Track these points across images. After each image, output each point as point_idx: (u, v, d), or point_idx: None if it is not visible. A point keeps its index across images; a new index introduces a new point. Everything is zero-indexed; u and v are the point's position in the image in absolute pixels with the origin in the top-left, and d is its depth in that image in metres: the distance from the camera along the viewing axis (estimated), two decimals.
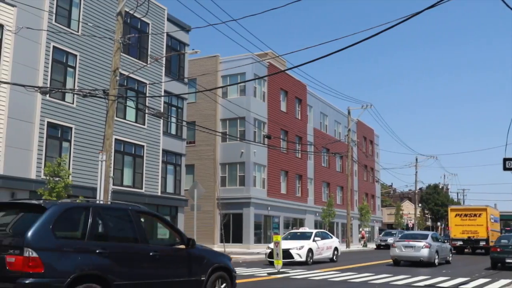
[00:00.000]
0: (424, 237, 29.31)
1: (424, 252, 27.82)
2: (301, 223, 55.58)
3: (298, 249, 28.25)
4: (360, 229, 64.23)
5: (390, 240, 54.53)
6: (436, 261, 28.47)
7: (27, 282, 7.72)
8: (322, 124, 63.94)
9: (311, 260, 28.58)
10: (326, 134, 63.72)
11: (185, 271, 10.45)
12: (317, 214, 56.92)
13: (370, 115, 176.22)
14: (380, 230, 76.82)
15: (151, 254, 9.69)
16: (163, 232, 14.31)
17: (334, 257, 31.38)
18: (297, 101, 57.52)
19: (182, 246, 10.63)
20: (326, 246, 30.68)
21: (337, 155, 62.58)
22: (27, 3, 26.66)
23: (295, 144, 55.76)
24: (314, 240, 29.56)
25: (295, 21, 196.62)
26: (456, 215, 42.82)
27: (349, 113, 54.95)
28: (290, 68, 20.09)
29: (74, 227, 9.00)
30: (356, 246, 58.14)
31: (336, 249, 31.72)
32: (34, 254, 7.85)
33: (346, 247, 50.18)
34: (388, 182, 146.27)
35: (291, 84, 55.81)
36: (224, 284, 11.31)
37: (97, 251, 8.70)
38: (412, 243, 28.48)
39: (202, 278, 10.68)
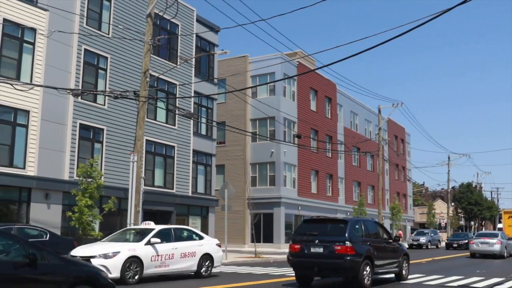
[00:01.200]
0: (495, 235, 36.42)
1: (497, 247, 34.66)
2: None
3: (107, 257, 16.62)
4: (398, 229, 63.75)
5: (422, 239, 53.96)
6: (505, 254, 35.44)
7: (348, 258, 15.31)
8: (352, 123, 63.56)
9: (136, 278, 17.02)
10: (356, 133, 63.31)
11: (393, 255, 18.08)
12: (348, 214, 56.55)
13: (401, 113, 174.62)
14: (412, 230, 76.04)
15: (385, 245, 17.71)
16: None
17: (203, 270, 19.50)
18: (327, 100, 57.29)
19: (391, 241, 18.39)
20: (180, 253, 18.80)
21: (368, 154, 62.07)
22: (59, 7, 27.04)
23: (326, 143, 55.52)
24: (150, 243, 17.93)
25: (325, 20, 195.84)
26: (509, 217, 50.94)
27: (379, 111, 54.43)
28: (319, 67, 20.04)
29: (358, 231, 16.55)
30: None
31: (207, 257, 19.77)
32: (350, 245, 15.48)
33: None
34: (420, 181, 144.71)
35: (321, 83, 55.59)
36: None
37: (368, 243, 16.38)
38: (487, 240, 35.46)
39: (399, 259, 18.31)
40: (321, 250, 15.68)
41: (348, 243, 15.34)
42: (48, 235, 20.27)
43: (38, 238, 19.85)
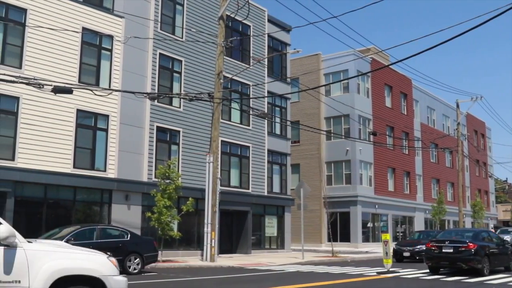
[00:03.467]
0: None
1: None
2: (410, 221, 54.29)
3: None
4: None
5: (506, 237, 51.99)
6: None
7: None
8: (429, 118, 62.07)
9: None
10: (434, 129, 61.76)
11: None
12: (427, 212, 55.31)
13: (480, 107, 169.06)
14: (496, 228, 73.46)
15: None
16: None
17: None
18: (403, 96, 56.22)
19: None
20: None
21: (447, 150, 60.47)
22: (134, 13, 27.80)
23: (402, 140, 54.50)
24: None
25: (398, 14, 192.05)
26: None
27: (457, 106, 52.90)
28: (394, 63, 19.65)
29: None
30: None
31: None
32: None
33: None
34: (502, 177, 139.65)
35: (396, 79, 54.61)
36: None
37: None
38: None
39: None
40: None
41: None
42: (129, 235, 20.83)
43: (119, 238, 20.44)
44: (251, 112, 33.79)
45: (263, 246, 36.04)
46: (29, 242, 7.86)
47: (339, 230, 46.56)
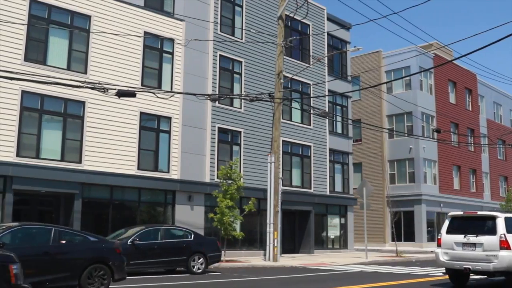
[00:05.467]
0: None
1: None
2: None
3: None
4: None
5: None
6: None
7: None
8: (495, 114, 60.25)
9: None
10: (501, 125, 59.92)
11: None
12: (495, 210, 53.69)
13: None
14: None
15: None
16: None
17: None
18: (467, 92, 54.79)
19: None
20: None
21: None
22: (194, 16, 28.15)
23: (467, 137, 53.12)
24: None
25: (460, 8, 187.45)
26: None
27: None
28: (457, 58, 19.18)
29: None
30: None
31: None
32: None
33: None
34: None
35: (460, 74, 53.29)
36: None
37: None
38: None
39: None
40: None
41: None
42: (192, 236, 21.06)
43: (183, 238, 20.70)
44: (312, 112, 33.65)
45: (325, 246, 35.84)
46: None
47: (403, 229, 45.80)
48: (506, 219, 15.03)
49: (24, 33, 22.91)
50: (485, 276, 16.37)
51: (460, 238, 15.39)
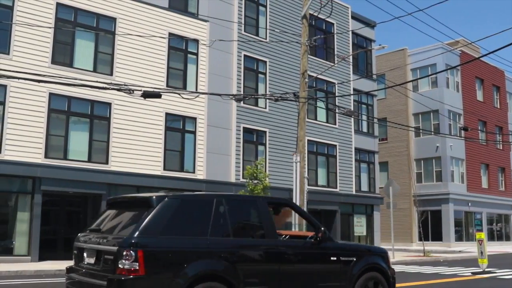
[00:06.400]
0: None
1: None
2: (506, 219, 52.12)
3: None
4: None
5: None
6: None
7: None
8: None
9: None
10: None
11: None
12: None
13: None
14: None
15: None
16: None
17: None
18: (495, 89, 54.07)
19: None
20: None
21: None
22: (218, 17, 28.22)
23: (495, 135, 52.43)
24: None
25: (487, 4, 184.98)
26: None
27: None
28: (484, 55, 18.93)
29: None
30: None
31: None
32: None
33: None
34: None
35: (487, 72, 52.61)
36: None
37: None
38: None
39: None
40: None
41: None
42: None
43: None
44: (337, 111, 33.51)
45: None
46: None
47: (431, 228, 45.35)
48: None
49: (51, 36, 23.23)
50: None
51: None
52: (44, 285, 15.43)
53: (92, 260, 7.72)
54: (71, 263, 8.57)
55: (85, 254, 7.95)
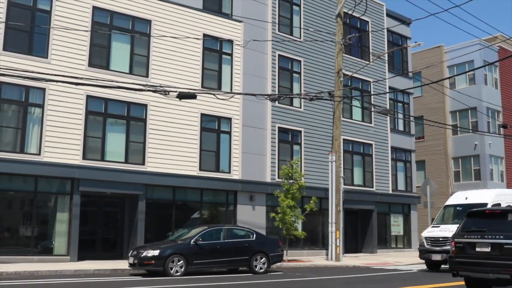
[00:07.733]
0: None
1: None
2: None
3: None
4: None
5: None
6: None
7: None
8: None
9: None
10: None
11: None
12: None
13: None
14: None
15: None
16: None
17: None
18: None
19: None
20: None
21: None
22: (252, 17, 28.25)
23: None
24: None
25: None
26: None
27: None
28: None
29: None
30: None
31: None
32: None
33: None
34: None
35: None
36: None
37: None
38: None
39: None
40: None
41: None
42: (254, 235, 21.11)
43: (245, 238, 20.77)
44: (372, 109, 33.24)
45: (389, 245, 35.32)
46: None
47: None
48: None
49: (88, 40, 23.59)
50: None
51: None
52: (84, 284, 15.65)
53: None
54: (109, 262, 8.67)
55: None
